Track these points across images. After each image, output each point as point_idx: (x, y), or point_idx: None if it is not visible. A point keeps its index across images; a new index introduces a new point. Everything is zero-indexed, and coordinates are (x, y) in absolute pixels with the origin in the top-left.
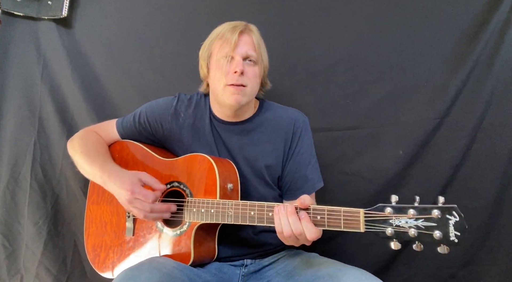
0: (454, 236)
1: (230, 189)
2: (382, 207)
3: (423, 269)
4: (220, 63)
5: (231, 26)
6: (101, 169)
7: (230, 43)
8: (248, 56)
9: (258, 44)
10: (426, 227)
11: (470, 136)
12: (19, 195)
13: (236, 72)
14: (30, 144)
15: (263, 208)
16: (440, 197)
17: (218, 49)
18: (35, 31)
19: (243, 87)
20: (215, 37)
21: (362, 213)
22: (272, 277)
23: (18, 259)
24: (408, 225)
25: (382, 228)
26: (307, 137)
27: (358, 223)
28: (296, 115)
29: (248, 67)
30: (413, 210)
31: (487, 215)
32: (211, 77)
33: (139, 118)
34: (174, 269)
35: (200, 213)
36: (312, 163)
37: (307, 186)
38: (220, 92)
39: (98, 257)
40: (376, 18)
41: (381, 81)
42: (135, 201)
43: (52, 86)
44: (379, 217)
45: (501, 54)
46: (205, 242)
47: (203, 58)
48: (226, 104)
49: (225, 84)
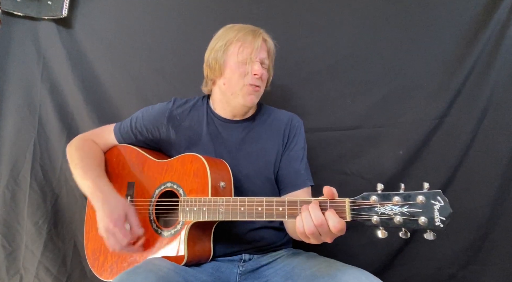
0: (439, 221)
1: (222, 187)
2: (367, 195)
3: (423, 269)
4: (241, 65)
5: (249, 30)
6: (93, 185)
7: (253, 48)
8: (263, 62)
9: (272, 51)
10: (411, 213)
11: (470, 136)
12: (19, 195)
13: (256, 75)
14: (30, 144)
15: (252, 203)
16: (425, 183)
17: (238, 51)
18: (35, 31)
19: (258, 88)
20: (233, 39)
21: (347, 202)
22: (270, 276)
23: (17, 259)
24: (393, 212)
25: (368, 217)
26: (302, 137)
27: (344, 212)
28: (292, 116)
29: (263, 71)
30: (398, 197)
31: (487, 215)
32: (226, 77)
33: (135, 124)
34: (169, 271)
35: (193, 211)
36: (304, 160)
37: (299, 181)
38: (237, 91)
39: (97, 261)
40: (376, 18)
41: (381, 81)
42: (111, 233)
43: (52, 86)
44: (364, 205)
45: (501, 54)
46: (200, 241)
47: (216, 59)
48: (239, 103)
49: (244, 84)
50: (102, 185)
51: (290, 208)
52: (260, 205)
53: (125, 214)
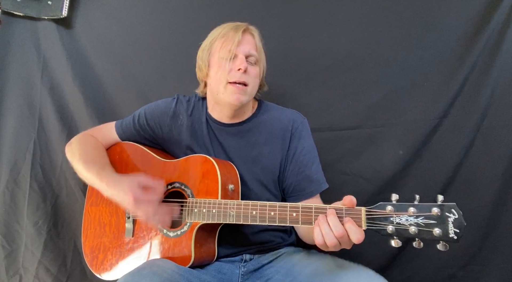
0: (453, 233)
1: (231, 189)
2: (383, 205)
3: (423, 269)
4: (222, 61)
5: (233, 26)
6: (98, 177)
7: (233, 41)
8: (250, 55)
9: (259, 45)
10: (426, 225)
11: (470, 136)
12: (18, 195)
13: (240, 70)
14: (30, 144)
15: (265, 208)
16: (439, 196)
17: (220, 47)
18: (35, 31)
19: (244, 86)
20: (217, 36)
21: (363, 211)
22: (272, 275)
23: (17, 259)
24: (408, 223)
25: (383, 226)
26: (308, 138)
27: (360, 221)
28: (294, 116)
29: (250, 66)
30: (413, 208)
31: (487, 215)
32: (211, 76)
33: (138, 120)
34: (174, 273)
35: (202, 213)
36: (315, 163)
37: (312, 187)
38: (221, 91)
39: (96, 259)
40: (376, 18)
41: (381, 81)
42: (139, 205)
43: (52, 86)
44: (380, 215)
45: (501, 54)
46: (206, 243)
47: (202, 58)
48: (226, 103)
49: (227, 82)
50: (107, 174)
51: (304, 214)
52: (273, 209)
53: (138, 183)
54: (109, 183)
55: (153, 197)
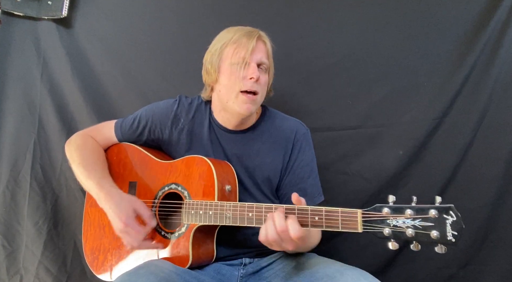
0: (451, 235)
1: (228, 190)
2: (380, 207)
3: (423, 270)
4: (234, 68)
5: (245, 31)
6: (98, 186)
7: (247, 49)
8: (262, 63)
9: (270, 52)
10: (423, 227)
11: (470, 136)
12: (19, 195)
13: (252, 78)
14: (30, 144)
15: (261, 209)
16: (437, 197)
17: (232, 54)
18: (35, 31)
19: (255, 96)
20: (228, 42)
21: (359, 213)
22: (270, 278)
23: (17, 259)
24: (405, 225)
25: (380, 228)
26: (308, 149)
27: (355, 224)
28: (297, 127)
29: (261, 75)
30: (410, 210)
31: (487, 215)
32: (221, 82)
33: (138, 122)
34: (171, 273)
35: (199, 214)
36: (312, 176)
37: (305, 199)
38: (232, 99)
39: (97, 260)
40: (376, 18)
41: (381, 81)
42: (127, 232)
43: (52, 86)
44: (377, 217)
45: (500, 54)
46: (204, 244)
47: (211, 63)
48: (235, 112)
49: (239, 91)
50: (108, 186)
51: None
52: (270, 211)
53: (134, 210)
54: (107, 196)
55: (142, 230)
